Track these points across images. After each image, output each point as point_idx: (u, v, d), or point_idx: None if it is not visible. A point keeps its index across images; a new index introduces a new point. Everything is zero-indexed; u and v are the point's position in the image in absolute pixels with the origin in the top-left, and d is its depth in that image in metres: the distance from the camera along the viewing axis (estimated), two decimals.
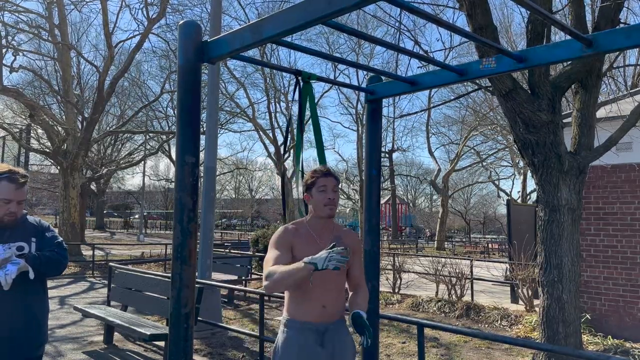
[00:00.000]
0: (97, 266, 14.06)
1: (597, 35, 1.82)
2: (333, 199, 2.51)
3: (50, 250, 2.79)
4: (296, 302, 2.49)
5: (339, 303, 2.54)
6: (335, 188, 2.55)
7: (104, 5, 16.89)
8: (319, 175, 2.53)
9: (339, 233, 2.61)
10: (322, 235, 2.55)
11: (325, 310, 2.46)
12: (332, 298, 2.48)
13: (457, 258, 13.03)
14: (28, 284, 2.65)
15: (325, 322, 2.47)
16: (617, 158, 7.31)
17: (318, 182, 2.51)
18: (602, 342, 6.68)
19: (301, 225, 2.58)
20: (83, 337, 6.75)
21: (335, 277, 2.47)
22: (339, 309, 2.55)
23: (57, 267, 2.80)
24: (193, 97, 1.94)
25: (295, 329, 2.45)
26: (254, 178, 61.33)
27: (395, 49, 2.18)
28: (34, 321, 2.73)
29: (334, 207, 2.53)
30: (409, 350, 6.42)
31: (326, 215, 2.52)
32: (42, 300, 2.82)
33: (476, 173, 42.34)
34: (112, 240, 28.62)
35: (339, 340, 2.49)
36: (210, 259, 7.94)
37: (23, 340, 2.68)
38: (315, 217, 2.57)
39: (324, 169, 2.57)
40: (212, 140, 7.93)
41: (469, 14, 5.09)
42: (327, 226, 2.59)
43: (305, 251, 2.40)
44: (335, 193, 2.55)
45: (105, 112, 25.70)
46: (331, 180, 2.52)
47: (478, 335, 5.66)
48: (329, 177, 2.52)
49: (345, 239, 2.59)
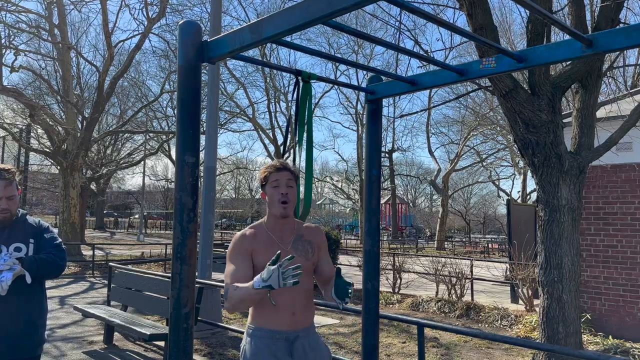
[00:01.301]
0: (97, 266, 14.07)
1: (597, 35, 1.82)
2: (286, 193, 2.28)
3: (47, 252, 2.75)
4: (262, 309, 2.28)
5: (309, 308, 2.37)
6: (290, 183, 2.31)
7: (103, 5, 16.89)
8: (272, 170, 2.32)
9: (300, 231, 2.42)
10: (283, 236, 2.36)
11: (295, 317, 2.28)
12: (302, 303, 2.31)
13: (457, 258, 13.03)
14: (23, 286, 2.63)
15: (295, 330, 2.29)
16: (617, 158, 7.31)
17: (270, 177, 2.31)
18: (602, 342, 6.68)
19: (260, 228, 2.37)
20: (83, 337, 6.75)
21: (303, 279, 2.23)
22: (309, 314, 2.38)
23: (54, 270, 2.77)
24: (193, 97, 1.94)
25: (263, 339, 2.25)
26: (254, 178, 61.32)
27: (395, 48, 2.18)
28: (30, 323, 2.71)
29: (287, 203, 2.29)
30: (409, 350, 6.42)
31: (279, 214, 2.30)
32: (39, 301, 2.80)
33: (476, 173, 42.38)
34: (112, 240, 28.63)
35: (310, 348, 2.32)
36: (210, 259, 7.94)
37: (18, 342, 2.67)
38: (272, 217, 2.35)
39: (277, 163, 2.35)
40: (212, 140, 7.93)
41: (469, 13, 5.09)
42: (287, 225, 2.37)
43: (267, 257, 2.18)
44: (290, 188, 2.31)
45: (105, 112, 25.71)
46: (285, 174, 2.30)
47: (478, 335, 5.66)
48: (282, 171, 2.31)
49: (308, 235, 2.42)
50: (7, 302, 2.61)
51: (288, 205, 2.31)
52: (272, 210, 2.34)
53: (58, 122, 18.80)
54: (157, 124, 29.99)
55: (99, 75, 18.20)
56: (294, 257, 1.99)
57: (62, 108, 21.59)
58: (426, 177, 46.24)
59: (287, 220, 2.37)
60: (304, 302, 2.33)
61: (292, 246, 2.36)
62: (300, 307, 2.31)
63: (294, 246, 2.36)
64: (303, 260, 2.34)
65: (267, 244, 2.31)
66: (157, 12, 17.50)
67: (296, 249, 2.36)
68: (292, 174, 2.34)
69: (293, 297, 2.28)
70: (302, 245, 2.39)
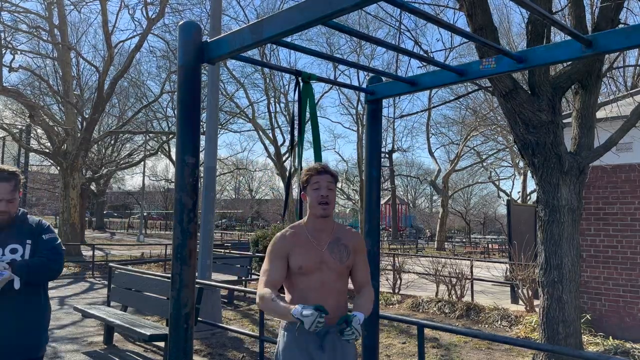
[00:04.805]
0: (97, 266, 14.06)
1: (597, 35, 1.82)
2: (326, 196, 2.40)
3: (41, 255, 2.68)
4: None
5: (341, 306, 2.46)
6: (331, 185, 2.44)
7: (103, 6, 16.90)
8: (313, 172, 2.43)
9: (339, 234, 2.51)
10: (321, 238, 2.46)
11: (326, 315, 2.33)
12: (333, 301, 2.40)
13: (457, 258, 13.03)
14: (20, 289, 2.59)
15: (326, 325, 2.32)
16: (618, 158, 7.31)
17: (312, 180, 2.42)
18: (602, 343, 6.67)
19: (299, 229, 2.48)
20: (83, 337, 6.75)
21: (336, 281, 2.42)
22: (341, 312, 2.45)
23: (47, 274, 2.72)
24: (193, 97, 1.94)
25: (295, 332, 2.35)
26: (254, 178, 61.40)
27: (395, 49, 2.18)
28: (31, 323, 2.67)
29: (327, 205, 2.41)
30: (409, 350, 6.42)
31: (319, 214, 2.42)
32: (38, 303, 2.74)
33: (476, 173, 42.36)
34: (112, 240, 28.62)
35: (340, 344, 2.41)
36: (210, 259, 7.93)
37: (20, 343, 2.64)
38: (312, 217, 2.47)
39: (318, 166, 2.46)
40: (212, 140, 7.93)
41: (469, 14, 5.10)
42: (326, 227, 2.49)
43: (303, 258, 2.35)
44: (331, 191, 2.43)
45: (105, 112, 25.69)
46: (325, 177, 2.42)
47: (478, 335, 5.65)
48: (322, 174, 2.42)
49: (345, 239, 2.51)
50: (7, 303, 2.58)
51: (328, 207, 2.42)
52: (313, 211, 2.44)
53: (58, 122, 18.81)
54: (157, 125, 30.00)
55: (99, 75, 18.20)
56: (325, 315, 2.12)
57: (62, 108, 21.58)
58: (426, 177, 46.26)
59: (327, 221, 2.47)
60: (335, 300, 2.42)
61: (328, 248, 2.44)
62: (331, 304, 2.37)
63: (329, 248, 2.45)
64: (337, 263, 2.43)
65: (304, 246, 2.42)
66: (156, 13, 17.51)
67: (331, 252, 2.44)
68: (332, 176, 2.46)
69: (325, 294, 2.39)
70: (338, 248, 2.47)
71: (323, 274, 2.39)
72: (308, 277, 2.39)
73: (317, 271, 2.39)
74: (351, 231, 2.60)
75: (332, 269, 2.41)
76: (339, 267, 2.42)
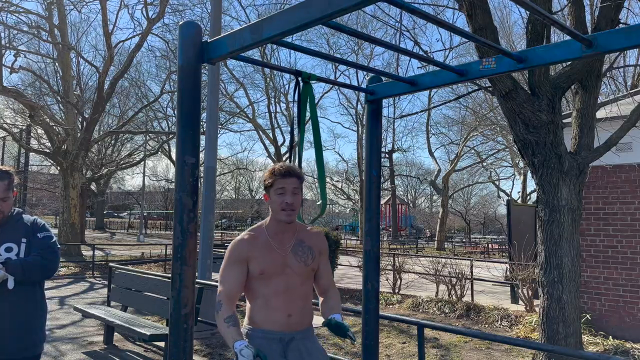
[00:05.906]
0: (97, 266, 14.07)
1: (597, 35, 1.82)
2: (291, 203, 2.25)
3: (36, 254, 2.67)
4: (259, 310, 2.31)
5: (306, 311, 2.37)
6: (296, 190, 2.28)
7: (103, 6, 16.90)
8: (277, 175, 2.27)
9: (301, 235, 2.41)
10: (283, 241, 2.34)
11: (291, 319, 2.30)
12: (298, 306, 2.32)
13: (457, 258, 13.03)
14: (19, 285, 2.60)
15: (291, 331, 2.30)
16: (618, 158, 7.31)
17: (276, 183, 2.27)
18: (602, 343, 6.68)
19: (259, 232, 2.35)
20: (83, 337, 6.75)
21: (300, 284, 2.33)
22: (306, 316, 2.38)
23: (42, 273, 2.71)
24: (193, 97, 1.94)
25: (257, 339, 2.27)
26: (254, 178, 61.36)
27: (395, 49, 2.18)
28: (28, 322, 2.67)
29: (292, 212, 2.27)
30: (409, 350, 6.42)
31: (283, 221, 2.28)
32: (34, 302, 2.73)
33: (476, 173, 42.36)
34: (112, 240, 28.62)
35: (306, 350, 2.32)
36: (211, 259, 7.93)
37: (17, 342, 2.63)
38: (274, 220, 2.33)
39: (283, 168, 2.28)
40: (212, 140, 7.93)
41: (469, 14, 5.10)
42: (289, 229, 2.36)
43: (265, 262, 2.25)
44: (296, 196, 2.27)
45: (106, 112, 25.70)
46: (291, 181, 2.26)
47: (478, 335, 5.66)
48: (288, 177, 2.26)
49: (309, 240, 2.41)
50: (4, 302, 2.59)
51: (293, 213, 2.28)
52: (276, 216, 2.31)
53: (58, 122, 18.80)
54: (157, 125, 30.01)
55: (99, 75, 18.20)
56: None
57: (62, 108, 21.58)
58: (426, 177, 46.28)
59: (290, 225, 2.35)
60: (300, 305, 2.34)
61: (292, 251, 2.35)
62: (296, 309, 2.31)
63: (293, 251, 2.35)
64: (302, 266, 2.35)
65: (265, 251, 2.30)
66: (156, 13, 17.51)
67: (295, 254, 2.35)
68: (299, 179, 2.30)
69: (289, 299, 2.30)
70: (302, 250, 2.38)
71: (288, 278, 2.30)
72: (271, 282, 2.29)
73: (281, 275, 2.29)
74: (313, 232, 2.49)
75: (297, 272, 2.33)
76: (304, 270, 2.34)
